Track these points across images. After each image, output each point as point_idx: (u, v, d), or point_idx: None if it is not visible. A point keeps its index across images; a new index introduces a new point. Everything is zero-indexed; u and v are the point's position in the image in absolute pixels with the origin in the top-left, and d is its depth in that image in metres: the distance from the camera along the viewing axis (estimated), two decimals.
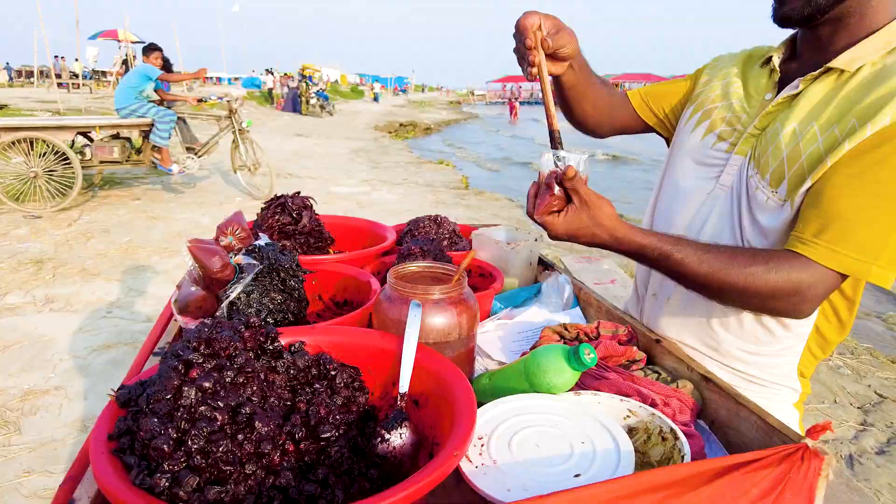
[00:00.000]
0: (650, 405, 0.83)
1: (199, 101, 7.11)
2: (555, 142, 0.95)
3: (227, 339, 0.67)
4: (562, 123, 0.99)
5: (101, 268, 4.45)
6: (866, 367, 3.60)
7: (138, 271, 4.44)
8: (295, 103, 22.03)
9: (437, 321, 0.89)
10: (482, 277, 1.37)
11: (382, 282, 1.17)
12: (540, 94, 0.99)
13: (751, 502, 0.63)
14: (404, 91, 64.66)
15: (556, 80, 1.13)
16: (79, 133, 6.26)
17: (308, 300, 1.14)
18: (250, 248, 1.06)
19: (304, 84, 22.33)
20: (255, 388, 0.68)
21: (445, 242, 1.53)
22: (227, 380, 0.64)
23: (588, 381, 0.91)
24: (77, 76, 19.80)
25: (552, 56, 1.03)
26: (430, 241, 1.33)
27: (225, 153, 7.59)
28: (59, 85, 18.55)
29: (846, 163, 0.85)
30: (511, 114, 35.60)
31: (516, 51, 1.01)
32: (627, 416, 0.81)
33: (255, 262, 1.01)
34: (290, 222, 1.45)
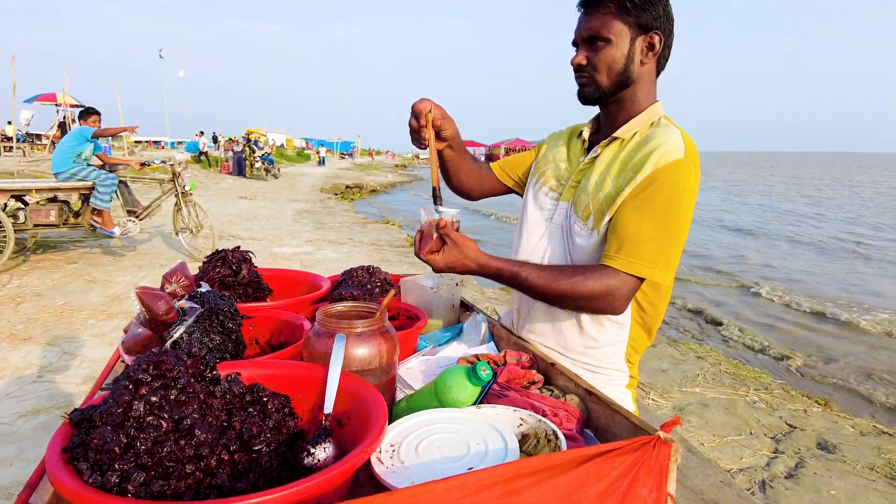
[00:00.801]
0: (541, 415, 0.98)
1: (143, 164, 7.12)
2: (436, 198, 1.24)
3: (172, 363, 0.79)
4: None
5: (32, 332, 4.34)
6: (779, 400, 3.88)
7: (73, 335, 4.34)
8: (240, 167, 22.06)
9: (359, 351, 1.02)
10: (409, 319, 1.51)
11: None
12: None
13: (612, 482, 0.78)
14: (351, 155, 65.49)
15: (439, 153, 1.44)
16: (12, 196, 6.15)
17: (245, 344, 1.25)
18: (192, 294, 1.17)
19: (248, 148, 22.43)
20: (195, 406, 0.79)
21: (377, 290, 1.67)
22: (172, 397, 0.76)
23: (492, 399, 1.06)
24: (10, 139, 19.29)
25: (437, 135, 1.35)
26: (362, 287, 1.47)
27: (167, 216, 7.57)
28: None
29: (628, 201, 1.21)
30: None
31: (410, 126, 1.32)
32: (520, 424, 0.95)
33: (196, 306, 1.13)
34: (230, 274, 1.56)
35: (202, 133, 26.46)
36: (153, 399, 0.72)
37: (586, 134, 1.43)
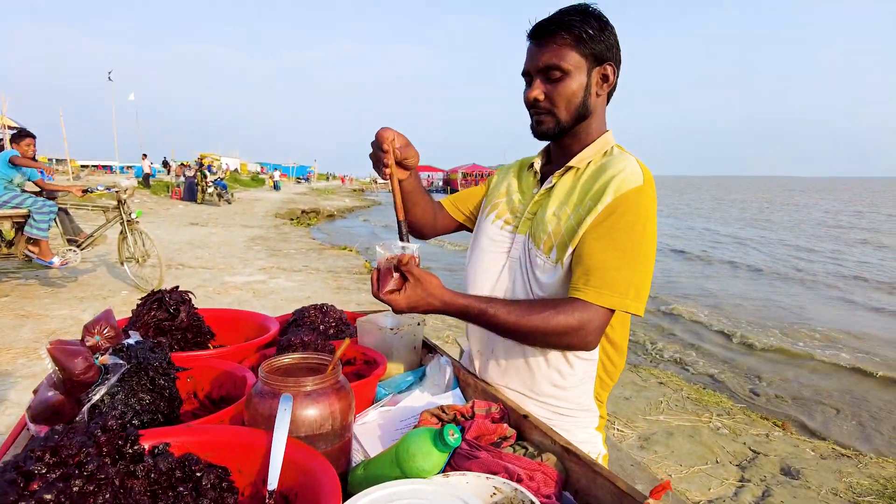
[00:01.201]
0: (516, 481, 0.87)
1: (85, 191, 6.77)
2: (401, 230, 1.16)
3: (78, 445, 0.65)
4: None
5: None
6: (741, 425, 3.87)
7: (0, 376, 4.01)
8: (191, 192, 21.47)
9: (309, 413, 0.90)
10: (367, 364, 1.39)
11: None
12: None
13: None
14: (307, 179, 64.83)
15: (399, 183, 1.36)
16: None
17: (181, 399, 1.11)
18: (118, 347, 1.03)
19: (200, 173, 21.88)
20: (107, 496, 0.65)
21: (332, 331, 1.54)
22: (75, 489, 0.62)
23: (460, 461, 0.94)
24: None
25: (399, 165, 1.28)
26: (314, 330, 1.34)
27: (113, 244, 7.21)
28: None
29: (591, 231, 1.17)
30: None
31: (372, 155, 1.26)
32: (493, 494, 0.84)
33: (121, 361, 0.98)
34: (166, 318, 1.41)
35: (146, 156, 25.59)
36: (47, 497, 0.58)
37: (538, 165, 1.39)
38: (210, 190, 21.59)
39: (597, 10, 1.21)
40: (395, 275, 1.08)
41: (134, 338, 1.11)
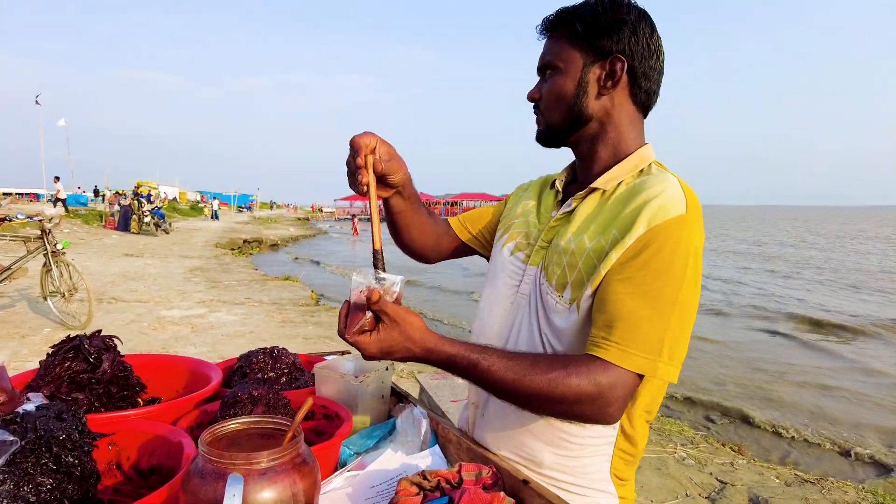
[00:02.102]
0: None
1: (2, 220, 6.25)
2: (377, 261, 0.96)
3: None
4: (391, 247, 1.01)
5: None
6: (705, 454, 3.81)
7: None
8: (126, 221, 20.46)
9: (265, 497, 0.70)
10: (328, 419, 1.19)
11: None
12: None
13: None
14: (249, 208, 63.33)
15: (385, 202, 1.17)
16: None
17: (99, 473, 0.89)
18: (10, 417, 0.80)
19: (136, 201, 20.92)
20: None
21: (284, 379, 1.34)
22: None
23: None
24: None
25: (381, 180, 1.09)
26: (264, 381, 1.14)
27: (35, 278, 6.66)
28: None
29: (617, 270, 0.94)
30: (357, 231, 37.68)
31: (348, 164, 1.05)
32: None
33: (11, 437, 0.76)
34: (85, 369, 1.18)
35: (58, 178, 23.89)
36: None
37: (560, 184, 1.17)
38: (147, 219, 20.66)
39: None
40: (368, 313, 0.88)
41: (35, 401, 0.88)
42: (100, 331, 1.27)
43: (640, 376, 0.90)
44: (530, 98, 1.12)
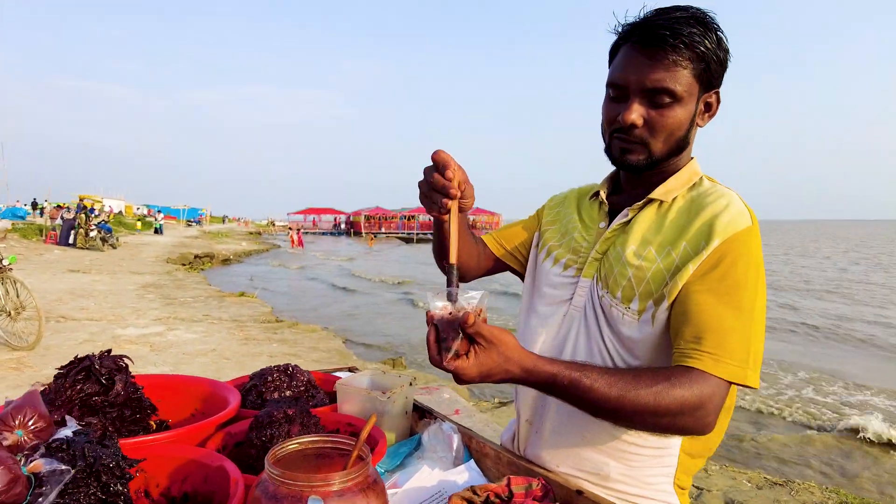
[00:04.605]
0: None
1: None
2: (451, 279, 0.92)
3: None
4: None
5: None
6: None
7: None
8: (69, 236, 19.56)
9: None
10: (356, 437, 1.16)
11: (238, 461, 0.92)
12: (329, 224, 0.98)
13: None
14: (198, 222, 61.63)
15: (441, 223, 1.08)
16: None
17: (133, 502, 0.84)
18: (55, 443, 0.75)
19: (84, 215, 20.04)
20: None
21: (302, 398, 1.31)
22: None
23: None
24: None
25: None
26: (294, 400, 1.11)
27: None
28: None
29: (697, 281, 0.96)
30: (297, 242, 37.83)
31: (428, 183, 0.97)
32: None
33: (62, 466, 0.71)
34: (97, 391, 1.12)
35: None
36: None
37: (604, 195, 1.17)
38: (93, 233, 19.81)
39: (715, 21, 0.98)
40: (461, 336, 0.84)
41: (70, 426, 0.83)
42: (109, 350, 1.21)
43: (730, 384, 0.91)
44: (630, 123, 1.00)
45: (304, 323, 8.86)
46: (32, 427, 0.78)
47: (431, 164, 0.95)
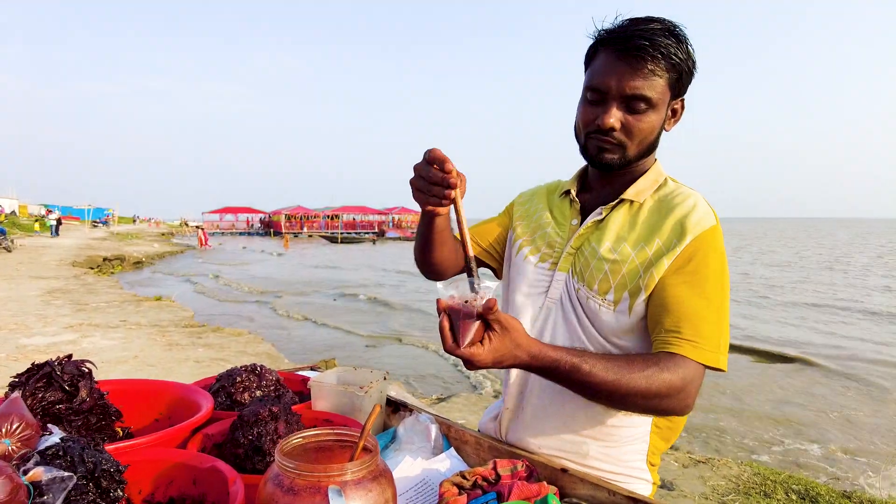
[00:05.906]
0: None
1: None
2: (470, 270, 0.94)
3: None
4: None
5: None
6: None
7: None
8: None
9: None
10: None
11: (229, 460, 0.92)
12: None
13: None
14: (105, 223, 57.90)
15: (431, 220, 1.12)
16: None
17: None
18: (50, 451, 0.73)
19: None
20: None
21: (272, 396, 1.30)
22: None
23: None
24: None
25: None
26: (276, 398, 1.11)
27: None
28: None
29: (673, 275, 1.03)
30: (204, 242, 37.08)
31: (423, 178, 0.97)
32: None
33: (62, 472, 0.69)
34: (60, 399, 1.07)
35: None
36: None
37: (574, 193, 1.23)
38: None
39: (685, 33, 1.04)
40: (477, 323, 0.86)
41: (56, 433, 0.80)
42: (70, 355, 1.15)
43: (705, 368, 0.99)
44: (609, 127, 1.06)
45: (230, 327, 8.56)
46: (20, 435, 0.75)
47: (423, 160, 0.96)
